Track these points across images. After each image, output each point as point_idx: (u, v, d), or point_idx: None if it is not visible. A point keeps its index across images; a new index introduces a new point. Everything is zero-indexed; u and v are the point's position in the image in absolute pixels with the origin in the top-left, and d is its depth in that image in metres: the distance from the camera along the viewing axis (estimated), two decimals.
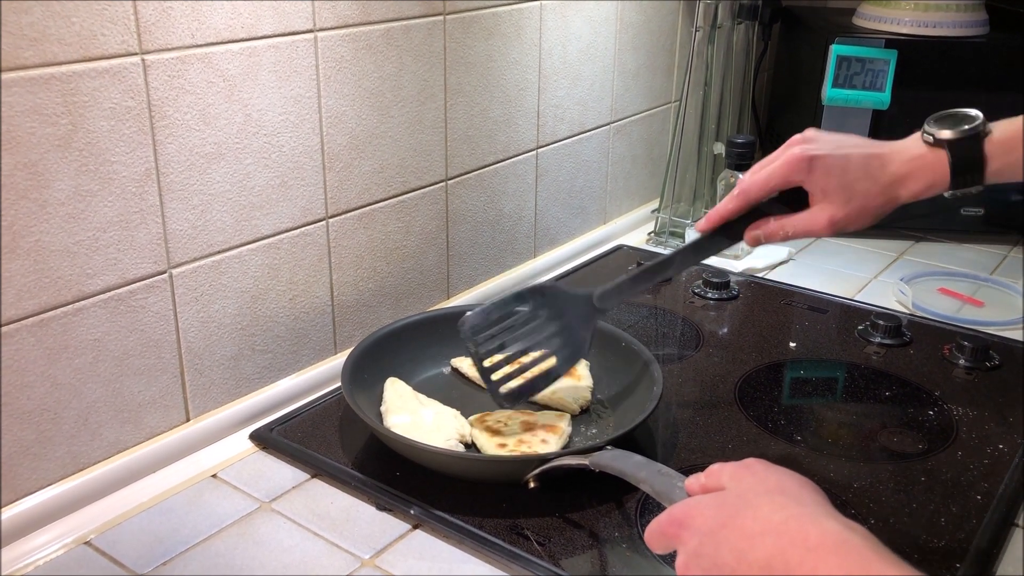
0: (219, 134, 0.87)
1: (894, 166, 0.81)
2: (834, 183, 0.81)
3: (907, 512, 0.82)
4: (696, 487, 0.64)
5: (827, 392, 1.04)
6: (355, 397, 0.90)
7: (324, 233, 1.00)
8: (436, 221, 1.14)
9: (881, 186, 0.80)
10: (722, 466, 0.63)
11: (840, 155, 0.81)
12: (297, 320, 0.99)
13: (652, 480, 0.69)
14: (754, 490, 0.59)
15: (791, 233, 0.83)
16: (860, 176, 0.80)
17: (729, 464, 0.63)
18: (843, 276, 1.36)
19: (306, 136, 0.95)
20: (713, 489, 0.62)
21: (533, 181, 1.28)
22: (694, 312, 1.22)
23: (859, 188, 0.80)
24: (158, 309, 0.86)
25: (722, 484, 0.61)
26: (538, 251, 1.33)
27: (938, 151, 0.80)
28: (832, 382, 1.06)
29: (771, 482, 0.59)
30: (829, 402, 1.02)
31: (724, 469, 0.62)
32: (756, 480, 0.60)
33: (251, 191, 0.91)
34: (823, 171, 0.80)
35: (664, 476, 0.68)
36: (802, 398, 1.03)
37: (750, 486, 0.59)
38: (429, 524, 0.81)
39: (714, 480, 0.62)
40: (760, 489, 0.59)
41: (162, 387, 0.88)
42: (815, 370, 1.08)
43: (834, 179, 0.80)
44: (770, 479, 0.60)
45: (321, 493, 0.86)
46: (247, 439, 0.93)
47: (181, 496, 0.85)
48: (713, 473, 0.63)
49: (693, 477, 0.65)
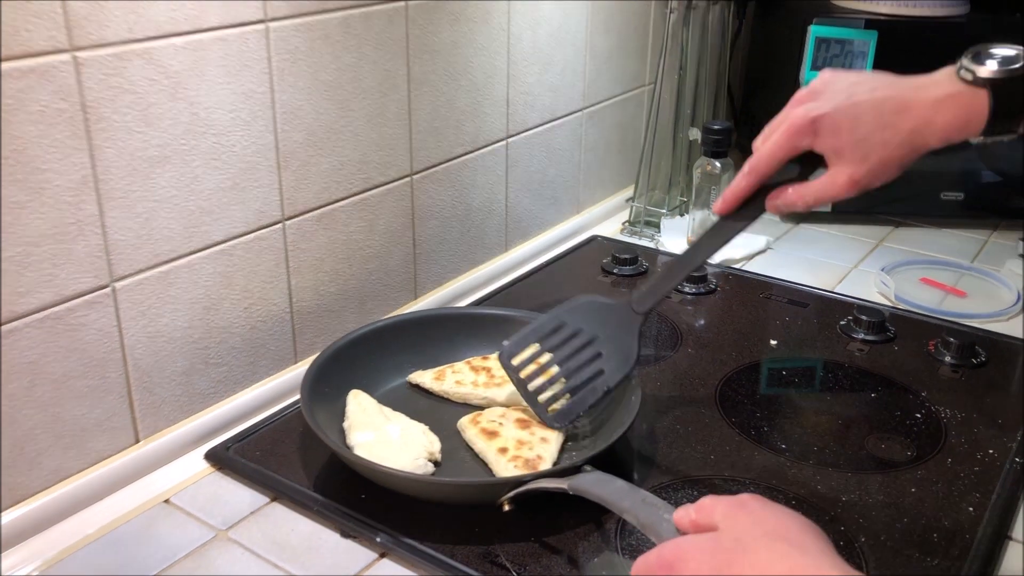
0: (163, 135, 0.80)
1: (918, 110, 0.71)
2: (846, 141, 0.72)
3: (898, 528, 0.79)
4: (686, 523, 0.59)
5: (811, 394, 1.00)
6: (316, 414, 0.84)
7: (281, 236, 0.94)
8: (401, 218, 1.08)
9: (903, 135, 0.71)
10: (715, 501, 0.58)
11: (849, 108, 0.72)
12: (254, 330, 0.93)
13: (637, 511, 0.64)
14: (751, 533, 0.54)
15: (812, 201, 0.76)
16: (874, 128, 0.71)
17: (722, 500, 0.58)
18: (823, 265, 1.32)
19: (259, 134, 0.88)
20: (705, 527, 0.58)
21: (503, 172, 1.23)
22: (671, 308, 1.17)
23: (875, 141, 0.71)
24: (101, 326, 0.80)
25: (714, 522, 0.57)
26: (510, 245, 1.28)
27: (976, 91, 0.70)
28: (816, 383, 1.02)
29: (769, 524, 0.55)
30: (813, 405, 0.98)
31: (717, 505, 0.58)
32: (753, 521, 0.55)
33: (200, 195, 0.85)
34: (831, 130, 0.72)
35: (650, 507, 0.64)
36: (785, 402, 0.99)
37: (746, 528, 0.55)
38: (397, 552, 0.76)
39: (706, 517, 0.58)
40: (757, 532, 0.54)
41: (108, 408, 0.82)
42: (798, 371, 1.04)
43: (845, 137, 0.72)
44: (768, 520, 0.55)
45: (281, 519, 0.81)
46: (202, 459, 0.88)
47: (131, 525, 0.80)
48: (704, 508, 0.58)
49: (683, 510, 0.60)
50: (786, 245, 1.39)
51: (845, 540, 0.77)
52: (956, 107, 0.70)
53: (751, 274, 1.27)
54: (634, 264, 1.26)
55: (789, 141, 0.74)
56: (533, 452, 0.83)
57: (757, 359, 1.05)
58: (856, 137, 0.72)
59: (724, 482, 0.84)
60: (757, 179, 0.78)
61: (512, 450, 0.83)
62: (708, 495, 0.60)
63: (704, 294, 1.21)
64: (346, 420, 0.88)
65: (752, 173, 0.78)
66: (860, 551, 0.76)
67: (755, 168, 0.77)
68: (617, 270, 1.26)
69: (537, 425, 0.87)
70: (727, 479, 0.85)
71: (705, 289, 1.21)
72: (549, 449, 0.84)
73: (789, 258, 1.34)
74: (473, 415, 0.89)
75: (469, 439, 0.87)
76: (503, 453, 0.83)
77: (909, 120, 0.71)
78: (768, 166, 0.77)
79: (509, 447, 0.84)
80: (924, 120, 0.71)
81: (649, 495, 0.65)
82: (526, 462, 0.82)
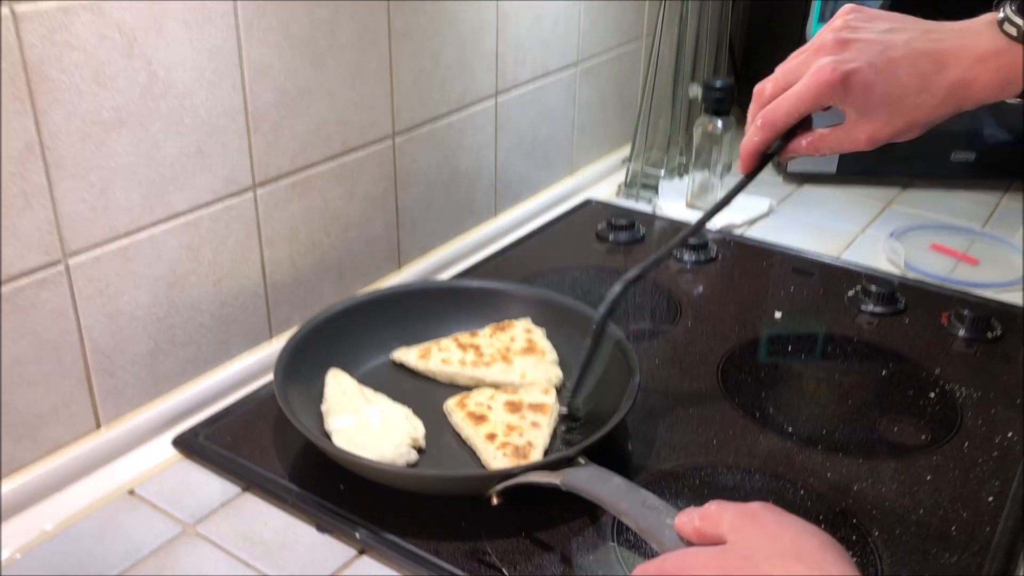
0: (118, 97, 0.73)
1: (957, 68, 0.63)
2: (877, 100, 0.64)
3: (914, 521, 0.74)
4: (690, 530, 0.54)
5: (818, 372, 0.94)
6: (291, 397, 0.78)
7: (252, 205, 0.87)
8: (383, 183, 1.01)
9: (939, 97, 0.64)
10: (721, 508, 0.53)
11: (884, 64, 0.64)
12: (224, 306, 0.87)
13: (636, 514, 0.59)
14: (764, 551, 0.49)
15: (824, 151, 0.70)
16: (910, 89, 0.64)
17: (730, 508, 0.52)
18: (828, 230, 1.26)
19: (225, 95, 0.81)
20: (711, 537, 0.52)
21: (492, 132, 1.16)
22: (670, 278, 1.11)
23: (908, 103, 0.65)
24: (53, 306, 0.73)
25: (722, 533, 0.51)
26: (499, 209, 1.21)
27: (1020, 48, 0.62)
28: (824, 360, 0.96)
29: (785, 540, 0.49)
30: (821, 384, 0.92)
31: (724, 514, 0.52)
32: (765, 537, 0.49)
33: (161, 162, 0.78)
34: (862, 88, 0.64)
35: (650, 510, 0.58)
36: (792, 380, 0.93)
37: (759, 544, 0.49)
38: (377, 549, 0.71)
39: (712, 525, 0.52)
40: (771, 550, 0.49)
41: (64, 394, 0.76)
42: (804, 346, 0.98)
43: (877, 96, 0.64)
44: (783, 536, 0.49)
45: (253, 511, 0.75)
46: (169, 446, 0.82)
47: (91, 520, 0.74)
48: (711, 517, 0.53)
49: (686, 515, 0.55)
50: (789, 208, 1.33)
51: (858, 535, 0.72)
52: (998, 66, 0.63)
53: (753, 241, 1.21)
54: (630, 230, 1.20)
55: (814, 96, 0.66)
56: (523, 438, 0.78)
57: (761, 333, 1.00)
58: (889, 98, 0.64)
59: (728, 470, 0.79)
60: (773, 135, 0.70)
61: (501, 436, 0.78)
62: (714, 500, 0.54)
63: (704, 262, 1.14)
64: (324, 403, 0.82)
65: (767, 128, 0.69)
66: (874, 547, 0.71)
67: (772, 123, 0.69)
68: (612, 236, 1.19)
69: (528, 408, 0.81)
70: (731, 467, 0.79)
71: (705, 257, 1.15)
72: (540, 435, 0.79)
73: (793, 222, 1.28)
74: (460, 397, 0.83)
75: (456, 424, 0.81)
76: (491, 440, 0.78)
77: (947, 79, 0.64)
78: (786, 122, 0.69)
79: (498, 433, 0.78)
80: (963, 80, 0.64)
81: (650, 496, 0.60)
82: (516, 449, 0.76)
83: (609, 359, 0.86)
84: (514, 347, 0.90)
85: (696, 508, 0.55)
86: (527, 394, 0.83)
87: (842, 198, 1.36)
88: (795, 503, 0.75)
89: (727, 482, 0.78)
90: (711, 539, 0.52)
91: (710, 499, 0.74)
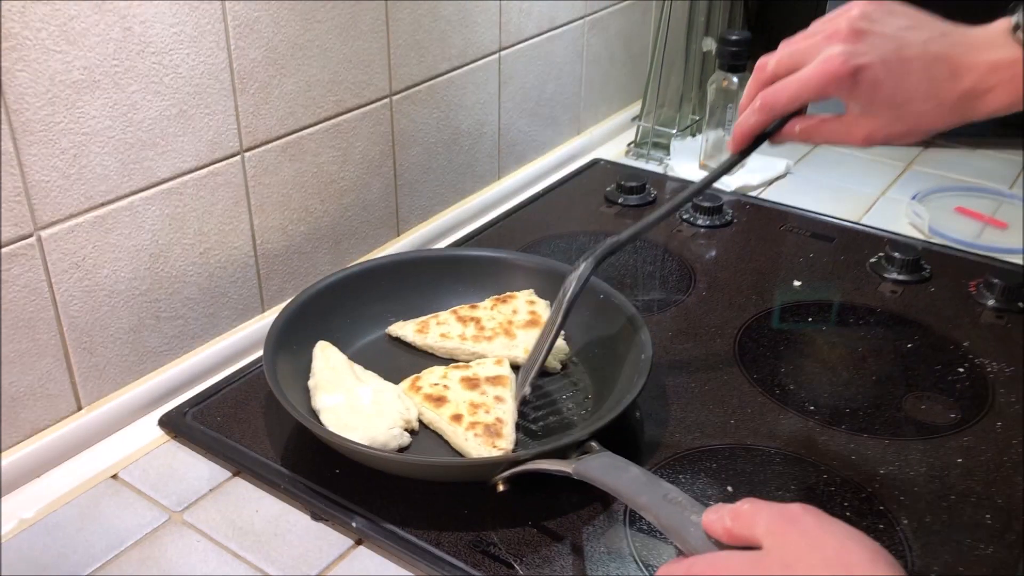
0: (90, 55, 0.67)
1: (970, 77, 0.59)
2: (883, 99, 0.61)
3: (945, 508, 0.69)
4: (720, 530, 0.49)
5: (840, 346, 0.89)
6: (282, 376, 0.74)
7: (240, 170, 0.82)
8: (380, 146, 0.95)
9: (948, 105, 0.60)
10: (756, 508, 0.48)
11: (897, 64, 0.60)
12: (211, 278, 0.82)
13: (656, 508, 0.54)
14: (805, 560, 0.44)
15: (818, 140, 0.67)
16: (920, 94, 0.60)
17: (766, 509, 0.48)
18: (848, 193, 1.20)
19: (208, 52, 0.75)
20: (743, 540, 0.48)
21: (495, 90, 1.09)
22: (683, 244, 1.06)
23: (915, 108, 0.61)
24: (26, 281, 0.68)
25: (756, 536, 0.47)
26: (503, 172, 1.16)
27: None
28: (846, 332, 0.91)
29: (829, 549, 0.44)
30: (844, 359, 0.87)
31: (759, 515, 0.47)
32: (807, 544, 0.45)
33: (139, 126, 0.72)
34: (871, 84, 0.60)
35: (673, 505, 0.53)
36: (812, 353, 0.88)
37: (798, 552, 0.44)
38: (375, 540, 0.66)
39: (745, 527, 0.48)
40: (814, 559, 0.44)
41: (41, 374, 0.71)
42: (825, 317, 0.93)
43: (884, 95, 0.61)
44: (827, 544, 0.45)
45: (244, 498, 0.71)
46: (155, 426, 0.78)
47: (72, 506, 0.70)
48: (744, 517, 0.48)
49: (715, 512, 0.50)
50: (806, 169, 1.27)
51: (886, 524, 0.68)
52: (1012, 76, 0.59)
53: (769, 203, 1.16)
54: (641, 192, 1.14)
55: (820, 87, 0.62)
56: (490, 415, 0.73)
57: (779, 303, 0.95)
58: (896, 99, 0.61)
59: (746, 452, 0.74)
60: (771, 119, 0.66)
61: (467, 416, 0.73)
62: (747, 498, 0.49)
63: (719, 227, 1.09)
64: (311, 379, 0.77)
65: (766, 111, 0.65)
66: (903, 537, 0.67)
67: (771, 107, 0.65)
68: (622, 199, 1.14)
69: (487, 383, 0.77)
70: (750, 449, 0.75)
71: (720, 221, 1.09)
72: (507, 409, 0.74)
73: (810, 184, 1.22)
74: (412, 379, 0.78)
75: (418, 410, 0.76)
76: (458, 421, 0.73)
77: (958, 88, 0.60)
78: (787, 108, 0.65)
79: (463, 412, 0.74)
80: (975, 91, 0.60)
81: (672, 489, 0.55)
82: (487, 428, 0.72)
83: (618, 332, 0.82)
84: (517, 320, 0.86)
85: (726, 505, 0.50)
86: (481, 368, 0.79)
87: (862, 158, 1.30)
88: (818, 490, 0.71)
89: (745, 466, 0.73)
90: (743, 542, 0.48)
91: (727, 485, 0.72)
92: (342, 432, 0.70)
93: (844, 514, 0.68)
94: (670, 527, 0.53)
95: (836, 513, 0.68)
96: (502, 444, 0.71)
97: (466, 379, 0.77)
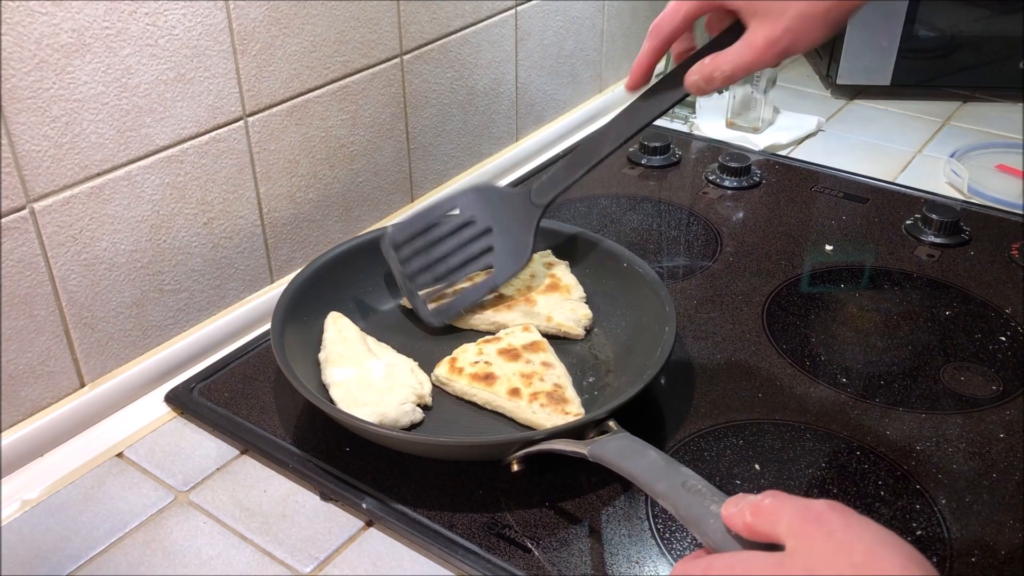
0: (79, 17, 0.64)
1: None
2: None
3: (986, 486, 0.66)
4: (740, 524, 0.46)
5: (874, 313, 0.85)
6: (291, 350, 0.71)
7: (243, 136, 0.78)
8: (391, 108, 0.92)
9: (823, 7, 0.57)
10: (779, 504, 0.44)
11: None
12: (216, 248, 0.79)
13: (675, 497, 0.51)
14: (831, 564, 0.40)
15: (729, 71, 0.62)
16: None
17: (789, 504, 0.44)
18: (882, 151, 1.15)
19: (205, 11, 0.72)
20: (764, 537, 0.44)
21: (512, 47, 1.05)
22: (708, 206, 1.01)
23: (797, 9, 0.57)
24: (20, 256, 0.66)
25: (778, 535, 0.43)
26: (521, 133, 1.12)
27: None
28: (880, 299, 0.87)
29: (857, 555, 0.41)
30: (878, 327, 0.83)
31: (782, 512, 0.44)
32: (833, 547, 0.41)
33: (135, 91, 0.69)
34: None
35: (693, 494, 0.50)
36: (845, 322, 0.84)
37: (823, 557, 0.41)
38: (385, 522, 0.64)
39: (766, 523, 0.44)
40: (841, 565, 0.40)
41: (41, 351, 0.69)
42: (859, 284, 0.89)
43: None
44: (855, 549, 0.41)
45: (252, 477, 0.69)
46: (161, 403, 0.75)
47: (77, 486, 0.68)
48: (765, 512, 0.44)
49: (735, 504, 0.47)
50: (838, 126, 1.21)
51: (923, 504, 0.64)
52: None
53: (800, 162, 1.11)
54: (666, 153, 1.10)
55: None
56: (546, 383, 0.71)
57: (810, 270, 0.90)
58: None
59: (775, 428, 0.71)
60: (660, 42, 0.65)
61: (524, 388, 0.70)
62: (770, 491, 0.46)
63: (747, 188, 1.04)
64: (322, 351, 0.74)
65: (654, 34, 0.65)
66: (940, 516, 0.63)
67: (657, 28, 0.64)
68: (646, 160, 1.09)
69: (525, 350, 0.74)
70: (778, 424, 0.71)
71: (748, 182, 1.05)
72: (559, 373, 0.72)
73: (843, 142, 1.17)
74: (448, 362, 0.74)
75: (461, 392, 0.73)
76: (517, 396, 0.70)
77: None
78: (671, 24, 0.64)
79: (519, 386, 0.71)
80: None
81: (691, 476, 0.52)
82: (549, 397, 0.69)
83: (642, 302, 0.78)
84: (535, 285, 0.82)
85: (747, 497, 0.46)
86: (513, 337, 0.76)
87: (896, 114, 1.24)
88: (851, 467, 0.67)
89: (774, 443, 0.70)
90: (764, 538, 0.44)
91: (755, 462, 0.68)
92: (352, 408, 0.68)
93: (879, 493, 0.65)
94: (689, 518, 0.50)
95: (870, 492, 0.65)
96: (572, 409, 0.69)
97: (503, 351, 0.74)
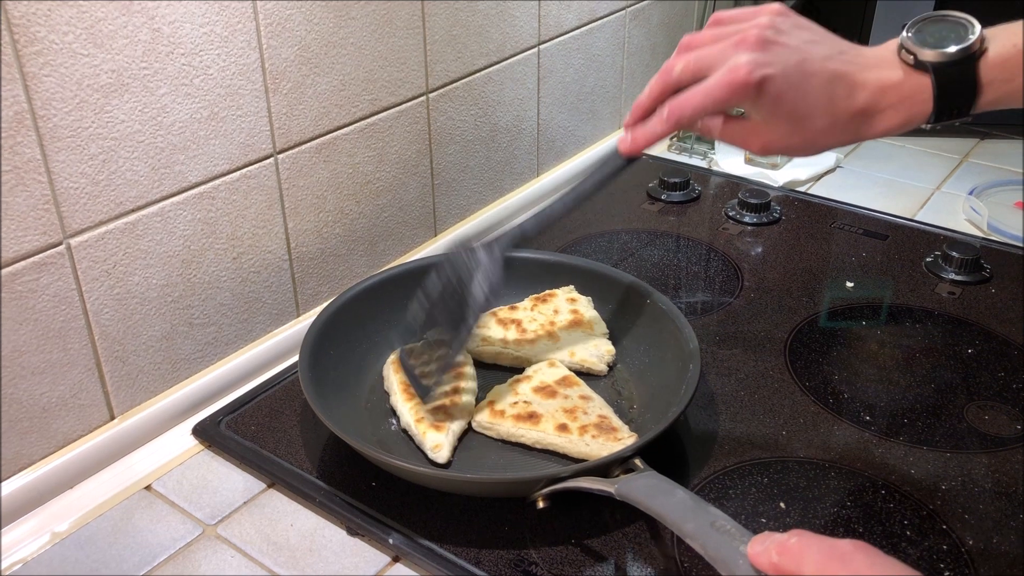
0: (118, 58, 0.66)
1: (864, 96, 0.60)
2: (784, 113, 0.61)
3: (1014, 528, 0.66)
4: (766, 563, 0.46)
5: (896, 350, 0.85)
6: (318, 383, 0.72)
7: (273, 172, 0.80)
8: (416, 144, 0.93)
9: (842, 123, 0.60)
10: (804, 543, 0.45)
11: (799, 78, 0.59)
12: (245, 283, 0.80)
13: (703, 537, 0.51)
14: None
15: (715, 137, 0.66)
16: (819, 110, 0.60)
17: (815, 544, 0.45)
18: (900, 187, 1.15)
19: (239, 51, 0.73)
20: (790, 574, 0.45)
21: (534, 85, 1.06)
22: (729, 242, 1.02)
23: (812, 124, 0.60)
24: (55, 290, 0.67)
25: (804, 574, 0.44)
26: (542, 169, 1.13)
27: (920, 76, 0.59)
28: (902, 336, 0.87)
29: None
30: (900, 365, 0.83)
31: (808, 552, 0.44)
32: None
33: (170, 129, 0.70)
34: (773, 97, 0.60)
35: (721, 534, 0.51)
36: (867, 360, 0.84)
37: None
38: (412, 557, 0.64)
39: (792, 563, 0.45)
40: None
41: (73, 384, 0.70)
42: (880, 320, 0.89)
43: (785, 108, 0.60)
44: None
45: (279, 511, 0.69)
46: (189, 436, 0.76)
47: (105, 519, 0.69)
48: (790, 552, 0.45)
49: (760, 543, 0.47)
50: (857, 162, 1.22)
51: (949, 544, 0.64)
52: (900, 99, 0.59)
53: (819, 198, 1.11)
54: (685, 189, 1.11)
55: (726, 97, 0.60)
56: (591, 415, 0.72)
57: (832, 307, 0.91)
58: (796, 113, 0.60)
59: (799, 466, 0.71)
60: (675, 127, 0.64)
61: (571, 422, 0.71)
62: (797, 531, 0.46)
63: (766, 224, 1.05)
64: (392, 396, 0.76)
65: (672, 120, 0.63)
66: (968, 559, 0.63)
67: (678, 119, 0.63)
68: (665, 196, 1.10)
69: (559, 385, 0.75)
70: (802, 462, 0.72)
71: (768, 219, 1.05)
72: (599, 404, 0.74)
73: (861, 179, 1.18)
74: (487, 406, 0.74)
75: (507, 435, 0.73)
76: (566, 431, 0.70)
77: (854, 106, 0.60)
78: (693, 117, 0.63)
79: (565, 421, 0.71)
80: (868, 110, 0.60)
81: (720, 516, 0.52)
82: (598, 428, 0.70)
83: (665, 339, 0.79)
84: (558, 320, 0.83)
85: (774, 535, 0.47)
86: (541, 375, 0.77)
87: (914, 151, 1.25)
88: (876, 506, 0.67)
89: (799, 481, 0.70)
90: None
91: (779, 501, 0.68)
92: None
93: (904, 533, 0.65)
94: (718, 558, 0.50)
95: (896, 532, 0.65)
96: (623, 436, 0.69)
97: (539, 389, 0.75)
